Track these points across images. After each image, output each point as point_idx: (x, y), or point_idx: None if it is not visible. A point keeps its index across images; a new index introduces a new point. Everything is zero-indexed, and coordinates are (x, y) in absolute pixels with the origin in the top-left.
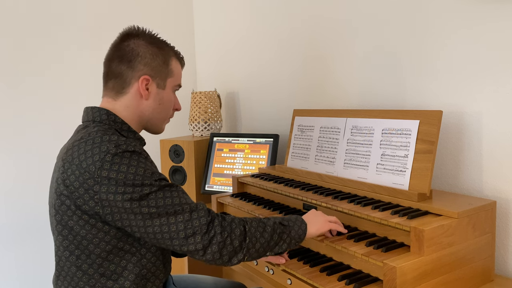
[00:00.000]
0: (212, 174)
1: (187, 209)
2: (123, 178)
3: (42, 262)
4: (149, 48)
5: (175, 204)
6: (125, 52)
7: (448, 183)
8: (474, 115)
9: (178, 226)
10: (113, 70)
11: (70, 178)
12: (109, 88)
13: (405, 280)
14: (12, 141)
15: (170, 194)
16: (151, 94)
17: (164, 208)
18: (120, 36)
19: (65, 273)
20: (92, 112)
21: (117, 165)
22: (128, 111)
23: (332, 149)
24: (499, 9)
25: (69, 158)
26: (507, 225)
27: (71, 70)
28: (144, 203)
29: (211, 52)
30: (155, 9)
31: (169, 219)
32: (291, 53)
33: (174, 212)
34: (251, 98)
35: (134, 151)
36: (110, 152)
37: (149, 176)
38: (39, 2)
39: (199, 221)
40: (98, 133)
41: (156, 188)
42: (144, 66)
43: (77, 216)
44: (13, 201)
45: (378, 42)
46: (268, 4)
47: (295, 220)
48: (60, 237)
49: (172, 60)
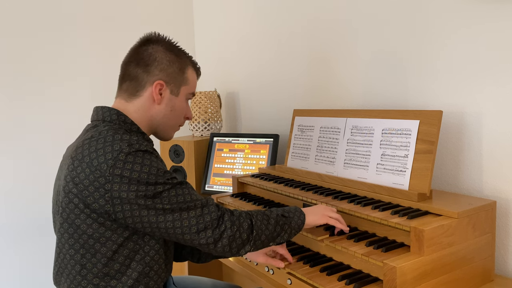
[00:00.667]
0: (212, 174)
1: (199, 205)
2: (137, 177)
3: (42, 262)
4: (166, 55)
5: (187, 200)
6: (142, 56)
7: (448, 183)
8: (474, 115)
9: (190, 221)
10: (129, 72)
11: (80, 176)
12: (123, 90)
13: (405, 280)
14: (12, 141)
15: (182, 191)
16: (163, 99)
17: (177, 204)
18: (140, 41)
19: (68, 271)
20: (103, 112)
21: (131, 164)
22: (139, 113)
23: (332, 149)
24: (499, 9)
25: (79, 156)
26: (507, 225)
27: (71, 71)
28: (157, 200)
29: (211, 52)
30: (155, 9)
31: (182, 214)
32: (291, 53)
33: (187, 208)
34: (251, 98)
35: (146, 150)
36: (123, 151)
37: (162, 175)
38: (40, 2)
39: (210, 216)
40: (110, 131)
41: (169, 186)
42: (160, 71)
43: (85, 215)
44: (13, 201)
45: (378, 42)
46: (268, 4)
47: (295, 211)
48: (66, 235)
49: (188, 69)
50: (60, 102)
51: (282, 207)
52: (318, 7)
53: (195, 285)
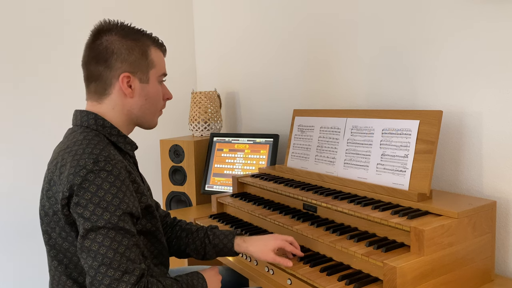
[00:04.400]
0: (212, 174)
1: (122, 268)
2: (88, 199)
3: (41, 262)
4: (123, 43)
5: (117, 253)
6: (99, 52)
7: (448, 183)
8: (474, 115)
9: (103, 279)
10: (92, 72)
11: (52, 189)
12: (92, 92)
13: (405, 280)
14: (12, 141)
15: (120, 239)
16: (135, 91)
17: (105, 251)
18: (92, 34)
19: (56, 282)
20: (81, 116)
21: (88, 183)
22: (115, 112)
23: (332, 149)
24: (499, 9)
25: (53, 169)
26: (507, 225)
27: (71, 71)
28: (91, 235)
29: (211, 52)
30: (155, 9)
31: (100, 267)
32: (291, 53)
33: (109, 264)
34: (251, 98)
35: (111, 170)
36: (86, 167)
37: (115, 205)
38: (40, 2)
39: (125, 285)
40: (83, 142)
41: (111, 225)
42: (122, 63)
43: (59, 228)
44: (12, 201)
45: (379, 42)
46: (268, 4)
47: (197, 284)
48: (48, 247)
49: (150, 50)
50: (60, 102)
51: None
52: (318, 6)
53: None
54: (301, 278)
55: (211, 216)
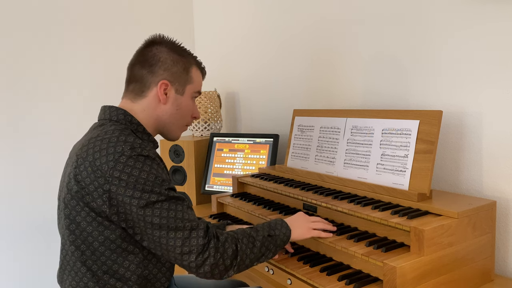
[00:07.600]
0: (212, 174)
1: (188, 227)
2: (134, 182)
3: (42, 263)
4: (170, 55)
5: (177, 218)
6: (147, 58)
7: (448, 183)
8: (474, 115)
9: (175, 242)
10: (135, 74)
11: (82, 174)
12: (129, 91)
13: (405, 280)
14: (13, 141)
15: (175, 207)
16: (169, 99)
17: (167, 220)
18: (144, 43)
19: (70, 268)
20: (110, 111)
21: (130, 168)
22: (145, 113)
23: (332, 149)
24: (500, 9)
25: (84, 154)
26: (507, 225)
27: (71, 71)
28: (148, 211)
29: (211, 52)
30: (155, 9)
31: (169, 233)
32: (291, 53)
33: (175, 228)
34: (251, 98)
35: (148, 155)
36: (124, 154)
37: (159, 184)
38: (39, 2)
39: (196, 240)
40: (115, 132)
41: (164, 197)
42: (164, 71)
43: (85, 212)
44: (12, 201)
45: (379, 42)
46: (268, 4)
47: (281, 228)
48: (68, 231)
49: (192, 68)
50: (59, 103)
51: (268, 221)
52: (318, 7)
53: (197, 284)
54: (301, 278)
55: (211, 216)
